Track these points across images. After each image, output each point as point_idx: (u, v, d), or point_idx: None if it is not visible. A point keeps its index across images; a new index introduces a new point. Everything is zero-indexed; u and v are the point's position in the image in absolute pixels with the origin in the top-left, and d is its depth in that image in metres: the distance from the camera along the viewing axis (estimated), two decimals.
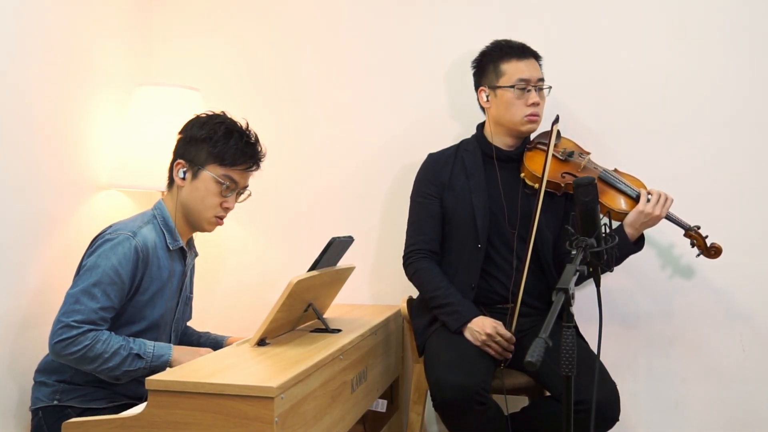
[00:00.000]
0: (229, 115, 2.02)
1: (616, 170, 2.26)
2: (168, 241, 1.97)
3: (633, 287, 2.49)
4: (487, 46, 2.28)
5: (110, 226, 1.93)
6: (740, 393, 2.41)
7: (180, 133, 2.01)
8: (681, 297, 2.46)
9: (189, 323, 2.26)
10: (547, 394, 2.13)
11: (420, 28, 2.65)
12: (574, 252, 1.48)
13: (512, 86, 2.16)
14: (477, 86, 2.29)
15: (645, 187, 2.18)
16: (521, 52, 2.21)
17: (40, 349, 2.03)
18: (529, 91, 2.16)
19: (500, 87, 2.18)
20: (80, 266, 1.91)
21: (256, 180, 2.75)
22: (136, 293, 1.90)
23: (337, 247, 1.97)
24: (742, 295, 2.41)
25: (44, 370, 1.93)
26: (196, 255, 2.17)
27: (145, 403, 1.44)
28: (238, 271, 2.79)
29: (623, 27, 2.49)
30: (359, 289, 2.66)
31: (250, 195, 2.06)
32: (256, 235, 2.78)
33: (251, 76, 2.78)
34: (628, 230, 2.11)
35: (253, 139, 2.01)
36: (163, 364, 1.86)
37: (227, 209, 2.01)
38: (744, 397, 2.41)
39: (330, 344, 1.77)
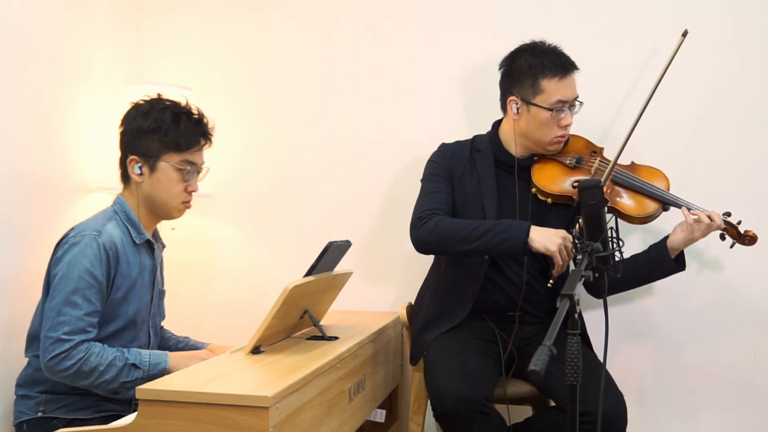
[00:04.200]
0: (167, 97, 1.97)
1: (632, 164, 2.20)
2: (133, 235, 1.94)
3: (640, 294, 2.45)
4: (525, 49, 2.13)
5: (72, 229, 1.89)
6: (752, 402, 2.38)
7: (122, 125, 1.96)
8: (690, 304, 2.43)
9: (168, 326, 2.22)
10: (552, 404, 2.08)
11: (418, 29, 2.62)
12: (579, 257, 1.45)
13: (550, 109, 2.05)
14: (506, 91, 2.15)
15: (666, 179, 2.14)
16: (564, 69, 2.06)
17: (23, 361, 1.96)
18: (564, 111, 2.07)
19: (535, 105, 2.07)
20: (49, 275, 1.86)
21: (251, 182, 2.72)
22: (110, 292, 1.87)
23: (334, 251, 1.94)
24: (754, 302, 2.38)
25: (25, 383, 1.89)
26: (164, 246, 2.13)
27: (135, 413, 1.41)
28: (233, 276, 2.75)
29: (634, 24, 2.46)
30: (357, 295, 2.62)
31: (208, 170, 2.04)
32: (251, 240, 2.74)
33: (246, 75, 2.75)
34: (672, 254, 2.09)
35: (199, 115, 1.98)
36: (161, 372, 1.83)
37: (192, 192, 1.98)
38: (756, 407, 2.38)
39: (327, 352, 1.75)
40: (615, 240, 1.53)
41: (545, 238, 1.92)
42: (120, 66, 2.66)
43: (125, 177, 1.97)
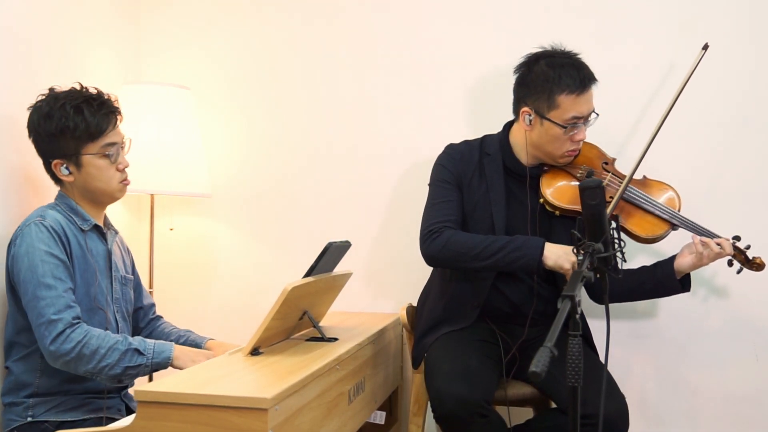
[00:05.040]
0: (60, 88, 1.94)
1: (644, 179, 2.17)
2: (79, 223, 1.93)
3: None
4: (543, 56, 2.05)
5: (18, 227, 1.88)
6: (754, 404, 2.37)
7: (31, 134, 1.94)
8: (693, 305, 2.41)
9: (171, 321, 2.21)
10: (553, 405, 2.07)
11: (420, 30, 2.61)
12: (580, 257, 1.44)
13: (564, 126, 2.00)
14: (520, 100, 2.08)
15: (677, 197, 2.11)
16: (582, 85, 1.98)
17: (3, 372, 1.93)
18: (578, 126, 2.02)
19: (549, 120, 2.00)
20: (11, 275, 1.84)
21: (251, 183, 2.70)
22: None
23: (333, 252, 1.93)
24: (756, 303, 2.37)
25: (9, 390, 1.87)
26: (116, 233, 2.11)
27: (133, 416, 1.41)
28: (232, 277, 2.74)
29: (632, 24, 2.45)
30: (357, 296, 2.61)
31: (131, 141, 2.03)
32: (250, 240, 2.73)
33: (246, 74, 2.74)
34: (678, 276, 2.08)
35: (98, 95, 1.95)
36: (165, 362, 1.82)
37: (124, 168, 1.98)
38: (758, 408, 2.37)
39: (326, 353, 1.74)
40: (616, 240, 1.52)
41: (559, 257, 1.91)
42: (118, 65, 2.65)
43: (56, 180, 1.96)
